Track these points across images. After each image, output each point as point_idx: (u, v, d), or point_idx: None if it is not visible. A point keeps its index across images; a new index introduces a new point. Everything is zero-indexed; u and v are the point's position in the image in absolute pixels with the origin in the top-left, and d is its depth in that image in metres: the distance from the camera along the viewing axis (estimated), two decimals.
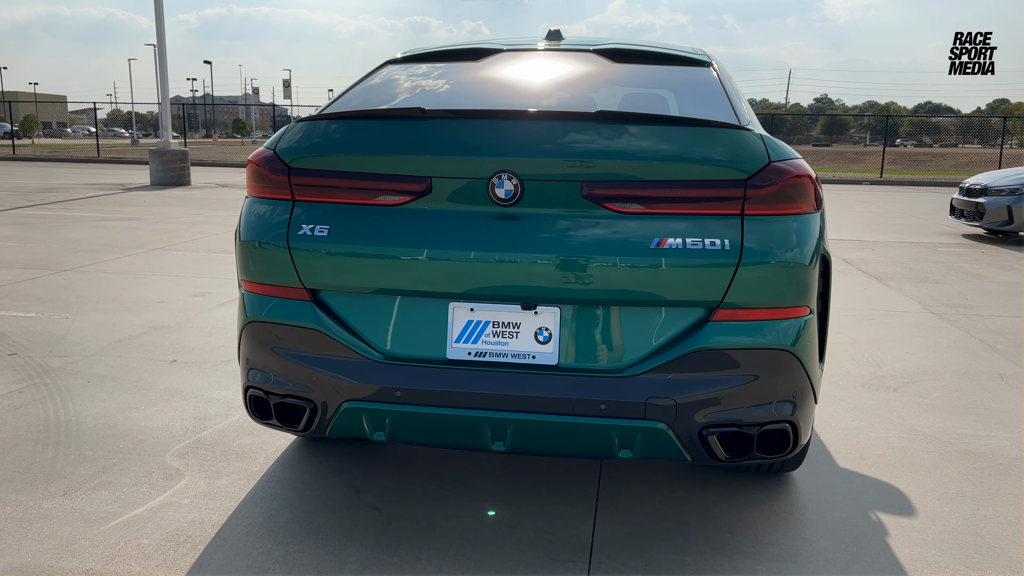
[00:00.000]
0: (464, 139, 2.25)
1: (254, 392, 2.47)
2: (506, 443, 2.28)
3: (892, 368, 4.62)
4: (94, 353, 4.60)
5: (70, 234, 9.61)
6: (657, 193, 2.18)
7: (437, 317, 2.30)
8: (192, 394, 3.94)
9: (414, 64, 3.07)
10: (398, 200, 2.28)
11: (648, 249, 2.16)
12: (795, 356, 2.25)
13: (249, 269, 2.45)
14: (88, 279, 6.78)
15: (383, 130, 2.31)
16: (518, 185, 2.19)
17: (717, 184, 2.17)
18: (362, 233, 2.28)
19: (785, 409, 2.27)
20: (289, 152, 2.36)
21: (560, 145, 2.20)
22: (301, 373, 2.36)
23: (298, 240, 2.31)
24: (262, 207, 2.41)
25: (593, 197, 2.19)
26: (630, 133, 2.21)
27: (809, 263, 2.24)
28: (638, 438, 2.22)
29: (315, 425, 2.40)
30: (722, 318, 2.20)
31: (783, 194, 2.20)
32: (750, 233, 2.17)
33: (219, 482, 2.98)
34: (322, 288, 2.36)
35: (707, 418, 2.21)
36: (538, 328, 2.26)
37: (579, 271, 2.18)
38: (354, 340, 2.32)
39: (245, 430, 3.48)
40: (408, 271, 2.26)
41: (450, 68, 2.97)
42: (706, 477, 3.08)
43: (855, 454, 3.36)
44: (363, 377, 2.29)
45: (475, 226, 2.23)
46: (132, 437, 3.39)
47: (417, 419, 2.30)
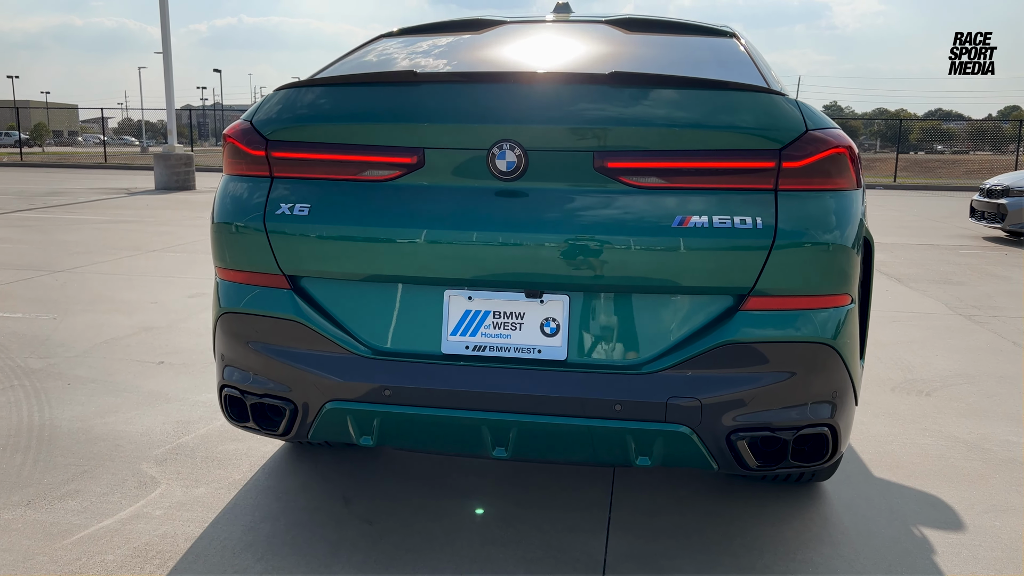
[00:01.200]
0: (461, 105, 2.00)
1: (229, 392, 2.23)
2: (508, 449, 2.02)
3: (923, 371, 4.34)
4: (78, 354, 4.37)
5: (68, 236, 9.42)
6: (679, 164, 1.92)
7: (431, 307, 2.05)
8: (177, 397, 3.69)
9: (411, 36, 2.82)
10: (387, 175, 2.03)
11: (669, 228, 1.90)
12: (835, 351, 1.98)
13: (223, 255, 2.20)
14: (81, 280, 6.56)
15: (371, 97, 2.07)
16: (521, 156, 1.93)
17: (747, 155, 1.92)
18: (347, 212, 2.03)
19: (823, 411, 2.00)
20: (267, 123, 2.12)
21: (569, 111, 1.95)
22: (280, 370, 2.11)
23: (276, 221, 2.07)
24: (237, 185, 2.17)
25: (606, 169, 1.93)
26: (648, 97, 1.96)
27: (851, 246, 1.98)
28: (658, 443, 1.96)
29: (296, 428, 2.15)
30: (753, 307, 1.94)
31: (822, 167, 1.94)
32: (785, 210, 1.91)
33: (197, 491, 2.74)
34: (303, 275, 2.11)
35: (736, 421, 1.95)
36: (544, 319, 2.00)
37: (590, 254, 1.93)
38: (338, 333, 2.07)
39: (230, 435, 3.23)
40: (398, 254, 2.01)
41: (449, 40, 2.72)
42: (729, 487, 2.81)
43: (891, 463, 3.09)
44: (348, 374, 2.04)
45: (473, 203, 1.98)
46: (108, 442, 3.15)
47: (408, 421, 2.04)
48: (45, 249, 8.31)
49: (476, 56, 2.51)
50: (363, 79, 2.12)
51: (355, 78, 2.13)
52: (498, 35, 2.70)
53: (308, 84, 2.14)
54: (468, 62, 2.48)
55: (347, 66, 2.53)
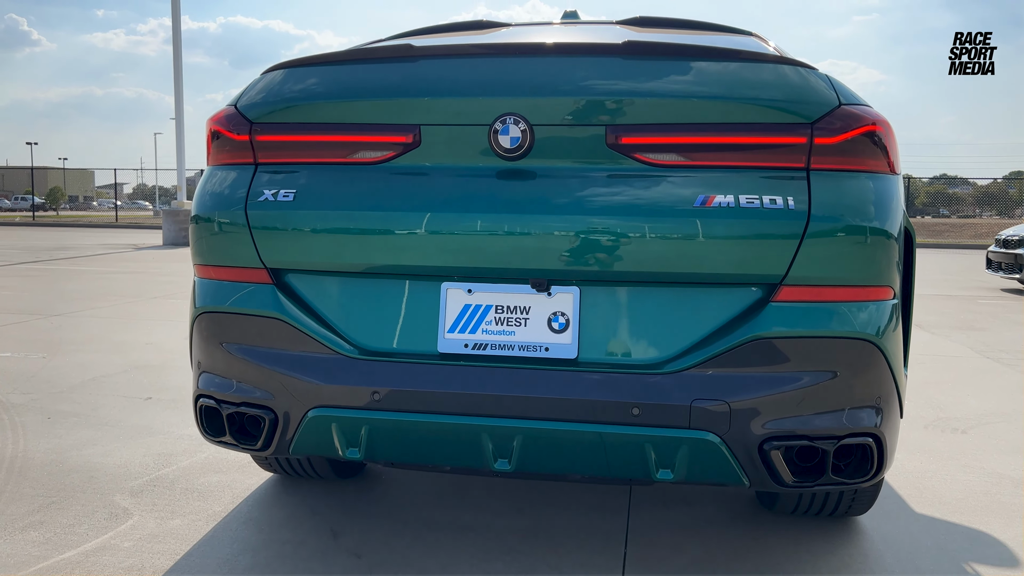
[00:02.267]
0: (461, 78, 1.84)
1: (205, 402, 2.01)
2: (511, 460, 1.79)
3: (955, 410, 4.08)
4: (63, 390, 4.16)
5: (70, 285, 9.30)
6: (700, 139, 1.74)
7: (426, 301, 1.85)
8: (162, 431, 3.47)
9: (421, 36, 2.69)
10: (380, 156, 1.86)
11: (691, 209, 1.71)
12: (878, 348, 1.77)
13: (202, 249, 2.02)
14: (77, 323, 6.39)
15: (364, 73, 1.91)
16: (526, 132, 1.76)
17: (775, 129, 1.74)
18: (335, 197, 1.86)
19: (867, 418, 1.78)
20: (253, 107, 1.96)
21: (579, 82, 1.78)
22: (259, 375, 1.91)
23: (258, 208, 1.89)
24: (219, 174, 2.00)
25: (620, 146, 1.76)
26: (666, 68, 1.79)
27: (893, 233, 1.78)
28: (681, 453, 1.73)
29: (276, 441, 1.93)
30: (786, 298, 1.74)
31: (857, 145, 1.76)
32: (819, 191, 1.72)
33: (172, 523, 2.49)
34: (287, 268, 1.93)
35: (769, 428, 1.72)
36: (552, 313, 1.80)
37: (603, 240, 1.74)
38: (324, 332, 1.87)
39: (213, 467, 3.00)
40: (391, 243, 1.82)
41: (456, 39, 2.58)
42: (756, 520, 2.55)
43: (932, 498, 2.82)
44: (333, 377, 1.83)
45: (474, 185, 1.80)
46: (82, 474, 2.91)
47: (400, 429, 1.83)
48: (45, 296, 8.17)
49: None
50: (356, 55, 1.97)
51: (347, 54, 1.98)
52: (502, 36, 2.57)
53: (297, 64, 1.99)
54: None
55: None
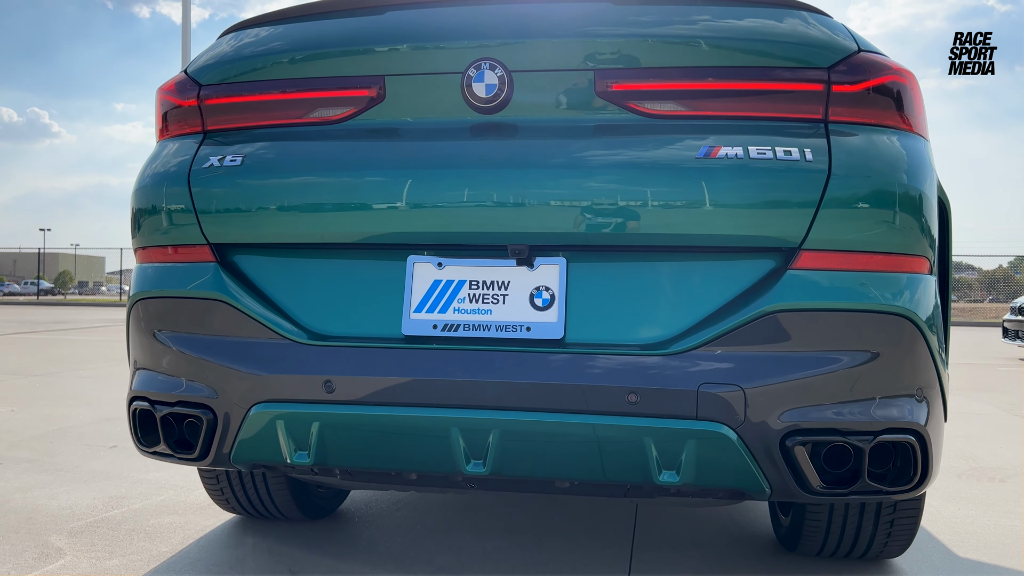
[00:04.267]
0: (428, 22, 1.64)
1: (138, 405, 1.75)
2: (487, 461, 1.51)
3: (990, 461, 3.75)
4: (23, 440, 3.87)
5: (59, 351, 9.07)
6: (701, 85, 1.53)
7: (390, 278, 1.61)
8: (119, 475, 3.17)
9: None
10: (339, 113, 1.65)
11: (694, 162, 1.48)
12: (917, 327, 1.50)
13: (141, 230, 1.79)
14: (56, 383, 6.12)
15: (322, 26, 1.72)
16: (503, 78, 1.56)
17: (788, 73, 1.53)
18: (288, 161, 1.64)
19: (907, 410, 1.50)
20: (204, 70, 1.77)
21: (563, 22, 1.58)
22: (198, 368, 1.65)
23: (201, 177, 1.67)
24: (165, 148, 1.80)
25: (611, 93, 1.55)
26: (664, 8, 1.60)
27: (926, 195, 1.55)
28: (688, 449, 1.45)
29: (214, 447, 1.65)
30: (806, 265, 1.49)
31: (880, 96, 1.55)
32: (840, 143, 1.50)
33: (109, 563, 2.18)
34: (233, 243, 1.70)
35: (791, 419, 1.44)
36: (535, 288, 1.55)
37: (593, 202, 1.51)
38: (270, 315, 1.62)
39: (168, 509, 2.69)
40: (350, 212, 1.60)
41: None
42: (776, 562, 2.22)
43: (975, 543, 2.49)
44: (279, 366, 1.57)
45: (445, 143, 1.59)
46: (21, 515, 2.61)
47: (356, 425, 1.55)
48: (31, 359, 7.93)
49: None
50: (317, 8, 1.78)
51: (308, 8, 1.79)
52: None
53: (253, 23, 1.81)
54: None
55: None
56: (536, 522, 2.58)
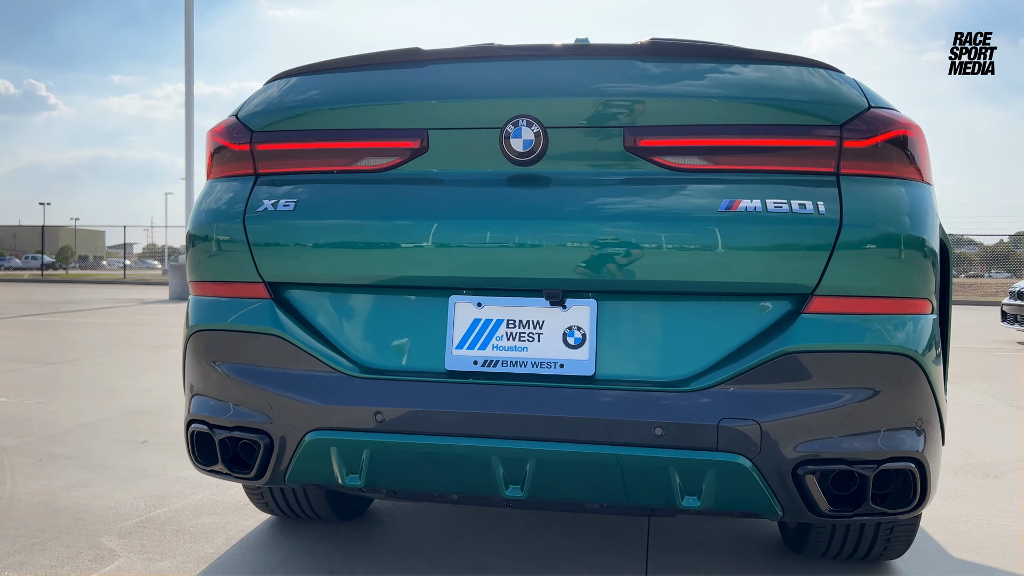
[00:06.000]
0: (470, 80, 1.76)
1: (197, 427, 1.89)
2: (524, 486, 1.66)
3: (985, 456, 3.91)
4: (56, 434, 4.02)
5: (73, 335, 9.21)
6: (723, 142, 1.65)
7: (434, 316, 1.74)
8: (155, 473, 3.32)
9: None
10: (385, 163, 1.77)
11: (715, 215, 1.61)
12: (918, 365, 1.64)
13: (197, 265, 1.92)
14: (76, 370, 6.28)
15: (370, 78, 1.84)
16: (539, 134, 1.68)
17: (803, 131, 1.65)
18: (338, 206, 1.77)
19: (908, 441, 1.64)
20: (255, 116, 1.89)
21: (595, 82, 1.70)
22: (255, 396, 1.79)
23: (257, 220, 1.80)
24: (218, 187, 1.92)
25: (639, 149, 1.67)
26: (686, 68, 1.72)
27: (930, 243, 1.68)
28: (709, 478, 1.59)
29: (271, 468, 1.80)
30: (818, 310, 1.62)
31: (888, 150, 1.67)
32: (851, 195, 1.62)
33: (161, 564, 2.34)
34: (286, 282, 1.83)
35: (803, 450, 1.59)
36: (568, 328, 1.69)
37: (622, 249, 1.63)
38: (324, 349, 1.75)
39: (208, 509, 2.85)
40: (396, 255, 1.73)
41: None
42: (782, 568, 2.38)
43: (969, 543, 2.64)
44: (333, 397, 1.71)
45: (484, 192, 1.71)
46: (69, 515, 2.76)
47: (403, 453, 1.70)
48: (46, 346, 8.08)
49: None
50: (362, 61, 1.90)
51: (353, 60, 1.91)
52: None
53: (301, 71, 1.93)
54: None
55: None
56: (554, 525, 2.74)
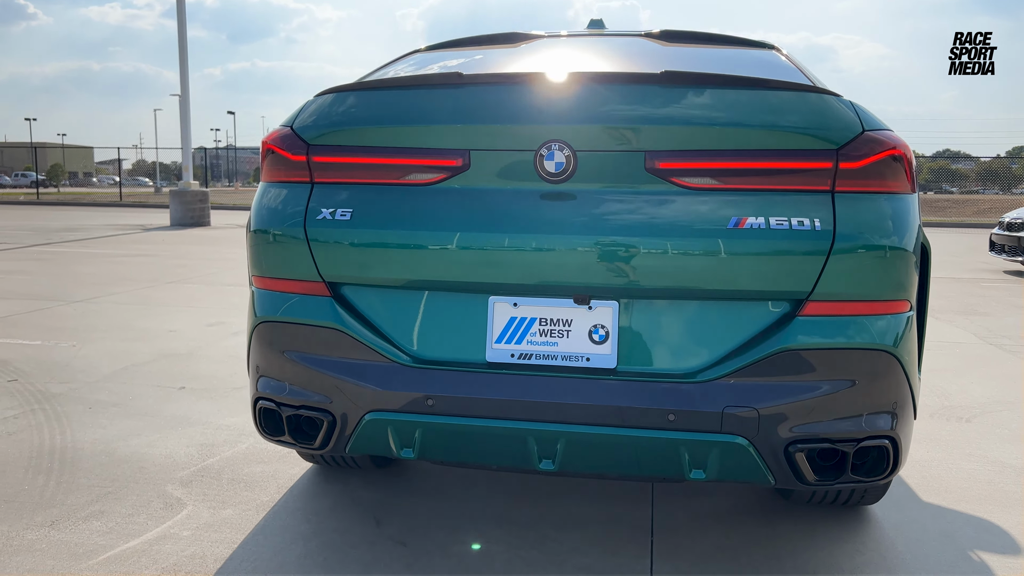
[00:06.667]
0: (508, 105, 1.96)
1: (264, 404, 2.16)
2: (555, 461, 1.94)
3: (960, 398, 4.24)
4: (98, 380, 4.31)
5: (85, 268, 9.43)
6: (733, 165, 1.87)
7: (475, 314, 1.99)
8: (200, 421, 3.62)
9: (445, 50, 2.81)
10: (431, 178, 1.98)
11: (724, 230, 1.84)
12: (896, 358, 1.91)
13: (260, 263, 2.15)
14: (98, 309, 6.54)
15: (415, 99, 2.03)
16: (570, 157, 1.89)
17: (803, 155, 1.87)
18: (390, 216, 1.99)
19: (884, 422, 1.92)
20: (308, 128, 2.08)
21: (619, 110, 1.91)
22: (318, 380, 2.05)
23: (317, 227, 2.02)
24: (276, 192, 2.13)
25: (658, 170, 1.89)
26: (701, 96, 1.92)
27: (911, 250, 1.92)
28: (713, 455, 1.88)
29: (333, 441, 2.08)
30: (811, 312, 1.88)
31: (879, 169, 1.89)
32: (843, 212, 1.85)
33: (224, 512, 2.65)
34: (343, 281, 2.06)
35: (794, 432, 1.87)
36: (593, 325, 1.94)
37: (641, 258, 1.87)
38: (379, 341, 2.00)
39: (255, 457, 3.16)
40: (442, 260, 1.96)
41: (486, 52, 2.70)
42: (772, 509, 2.71)
43: (938, 487, 2.98)
44: (390, 383, 1.97)
45: (520, 206, 1.93)
46: (132, 464, 3.07)
47: (451, 432, 1.97)
48: (61, 280, 8.31)
49: (517, 64, 2.48)
50: (407, 82, 2.09)
51: (398, 81, 2.10)
52: (535, 47, 2.68)
53: (350, 89, 2.11)
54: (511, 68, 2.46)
55: (386, 76, 2.51)
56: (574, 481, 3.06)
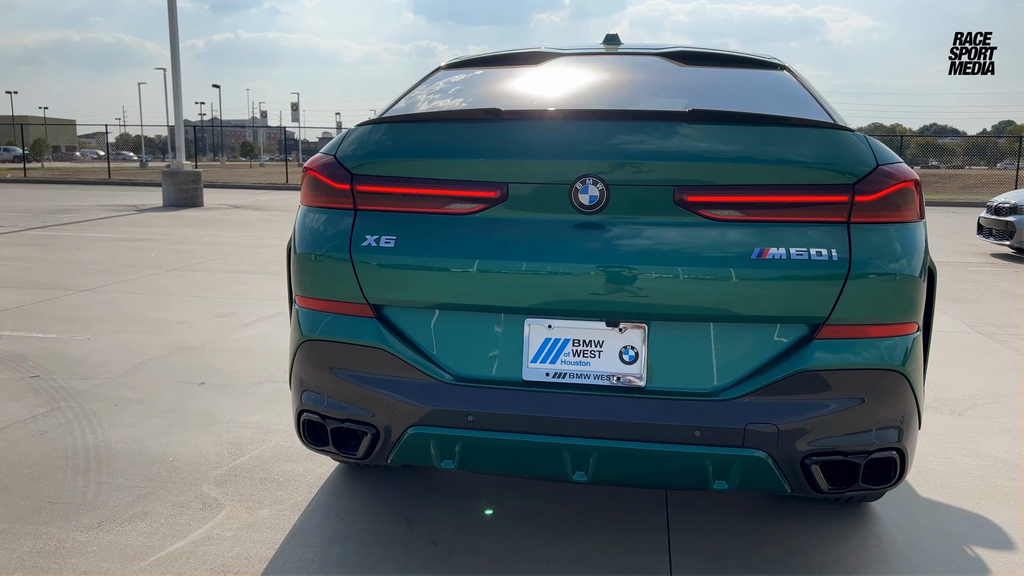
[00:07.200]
0: (545, 141, 2.08)
1: (309, 416, 2.29)
2: (588, 473, 2.09)
3: (952, 391, 4.42)
4: (119, 375, 4.42)
5: (85, 255, 9.48)
6: (756, 198, 2.00)
7: (512, 335, 2.12)
8: (225, 418, 3.75)
9: (468, 69, 2.91)
10: (471, 208, 2.10)
11: (748, 259, 1.98)
12: (904, 377, 2.06)
13: (305, 283, 2.27)
14: (107, 300, 6.62)
15: (455, 133, 2.15)
16: (603, 191, 2.01)
17: (822, 189, 2.00)
18: (432, 244, 2.11)
19: (893, 435, 2.08)
20: (351, 158, 2.19)
21: (650, 147, 2.03)
22: (363, 395, 2.18)
23: (362, 252, 2.14)
24: (320, 217, 2.24)
25: (686, 203, 2.01)
26: (726, 133, 2.04)
27: (919, 275, 2.06)
28: (735, 468, 2.03)
29: (376, 452, 2.21)
30: (827, 336, 2.02)
31: (891, 201, 2.02)
32: (858, 242, 1.99)
33: (262, 513, 2.79)
34: (387, 303, 2.18)
35: (810, 445, 2.02)
36: (623, 347, 2.07)
37: (670, 284, 2.00)
38: (421, 360, 2.13)
39: (284, 456, 3.29)
40: (481, 285, 2.08)
41: (510, 72, 2.80)
42: (777, 507, 2.87)
43: (934, 482, 3.15)
44: (432, 400, 2.11)
45: (555, 235, 2.05)
46: (166, 464, 3.20)
47: (490, 446, 2.11)
48: (64, 268, 8.37)
49: (544, 90, 2.59)
50: (446, 116, 2.20)
51: (438, 115, 2.21)
52: (557, 68, 2.79)
53: (390, 121, 2.22)
54: (540, 97, 2.56)
55: (417, 100, 2.61)
56: None
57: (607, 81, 2.74)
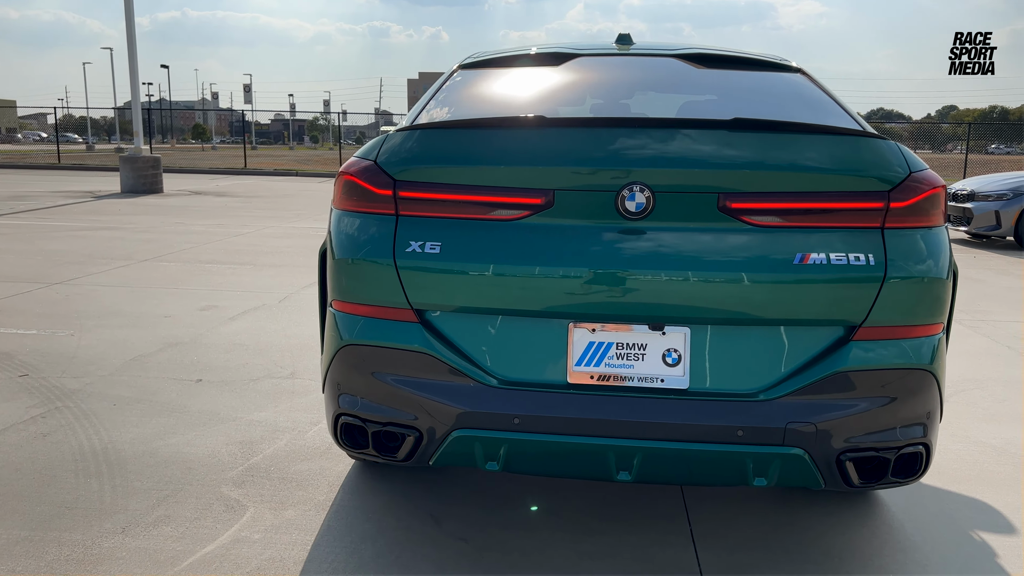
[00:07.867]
0: (592, 149, 2.11)
1: (347, 420, 2.30)
2: (632, 472, 2.14)
3: None
4: (111, 373, 4.35)
5: (51, 245, 9.22)
6: (796, 205, 2.07)
7: (556, 339, 2.15)
8: (230, 417, 3.72)
9: (489, 69, 2.92)
10: (516, 214, 2.13)
11: (790, 264, 2.04)
12: (932, 375, 2.16)
13: (344, 288, 2.27)
14: (83, 293, 6.47)
15: (501, 139, 2.16)
16: (650, 198, 2.06)
17: (859, 196, 2.07)
18: (477, 250, 2.13)
19: (919, 431, 2.17)
20: (393, 163, 2.20)
21: (695, 155, 2.08)
22: (405, 399, 2.20)
23: (406, 258, 2.15)
24: (358, 221, 2.24)
25: (729, 210, 2.07)
26: (768, 142, 2.10)
27: (947, 277, 2.15)
28: (775, 465, 2.10)
29: (418, 454, 2.24)
30: (863, 337, 2.10)
31: (922, 207, 2.11)
32: (892, 247, 2.07)
33: (287, 514, 2.79)
34: (430, 308, 2.20)
35: (845, 443, 2.10)
36: (666, 350, 2.13)
37: (713, 289, 2.06)
38: (466, 364, 2.16)
39: (298, 454, 3.29)
40: (525, 289, 2.11)
41: (534, 74, 2.82)
42: (791, 498, 2.98)
43: (932, 469, 3.26)
44: (477, 404, 2.14)
45: (600, 241, 2.09)
46: (179, 466, 3.17)
47: (536, 448, 2.15)
48: (32, 259, 8.14)
49: (574, 94, 2.61)
50: (490, 123, 2.22)
51: (482, 122, 2.23)
52: (580, 71, 2.81)
53: (431, 127, 2.23)
54: (573, 101, 2.59)
55: (445, 103, 2.62)
56: None
57: (632, 84, 2.78)
